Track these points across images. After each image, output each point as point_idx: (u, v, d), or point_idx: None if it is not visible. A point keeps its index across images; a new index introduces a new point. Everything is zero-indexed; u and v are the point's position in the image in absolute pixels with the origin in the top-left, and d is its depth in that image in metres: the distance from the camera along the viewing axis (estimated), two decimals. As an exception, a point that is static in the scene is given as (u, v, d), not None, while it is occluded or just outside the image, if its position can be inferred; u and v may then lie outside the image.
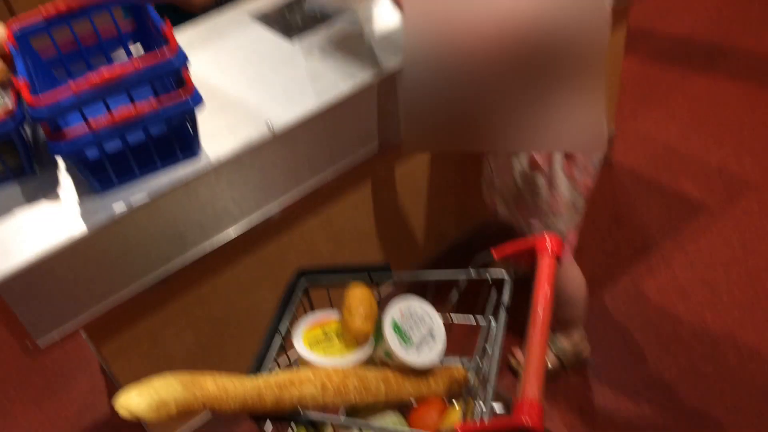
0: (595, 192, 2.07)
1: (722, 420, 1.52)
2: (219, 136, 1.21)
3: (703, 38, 2.64)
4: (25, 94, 0.98)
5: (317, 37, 1.42)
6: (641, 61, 2.57)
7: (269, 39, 1.45)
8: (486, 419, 0.90)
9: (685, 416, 1.53)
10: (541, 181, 1.30)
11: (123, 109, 1.04)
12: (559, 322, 1.64)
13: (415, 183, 1.67)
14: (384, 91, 1.31)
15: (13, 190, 1.13)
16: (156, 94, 1.12)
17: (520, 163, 1.28)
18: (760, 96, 2.33)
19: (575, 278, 1.53)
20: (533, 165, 1.29)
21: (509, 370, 1.66)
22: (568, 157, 1.28)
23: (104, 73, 1.00)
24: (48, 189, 1.13)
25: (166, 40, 1.09)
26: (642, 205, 2.03)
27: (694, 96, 2.39)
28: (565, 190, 1.32)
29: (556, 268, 0.99)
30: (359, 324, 1.03)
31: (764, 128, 2.21)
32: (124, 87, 1.03)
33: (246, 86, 1.32)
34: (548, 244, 0.99)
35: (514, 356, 1.67)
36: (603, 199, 2.05)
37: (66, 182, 1.15)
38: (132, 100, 1.07)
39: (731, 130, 2.23)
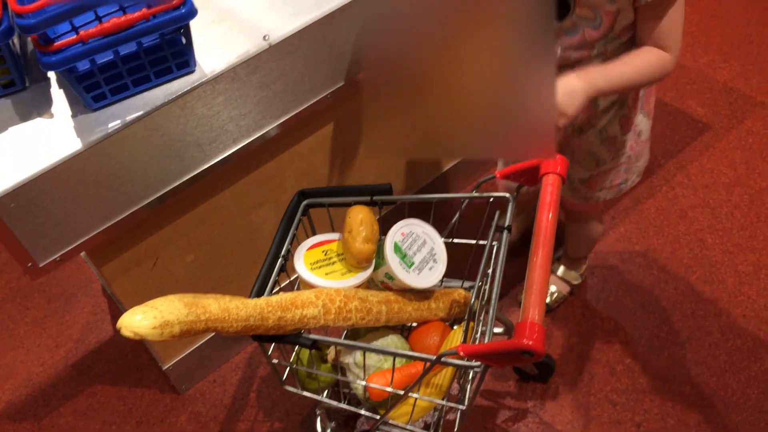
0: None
1: (717, 340, 1.55)
2: (214, 48, 1.16)
3: None
4: (12, 3, 0.93)
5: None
6: None
7: (265, -56, 1.37)
8: (487, 340, 0.90)
9: (681, 336, 1.56)
10: (628, 136, 1.27)
11: (114, 19, 1.00)
12: (569, 257, 1.64)
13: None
14: None
15: (5, 105, 1.10)
16: (148, 3, 1.06)
17: (605, 132, 1.25)
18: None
19: (600, 226, 1.53)
20: (625, 129, 1.26)
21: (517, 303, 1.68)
22: (649, 93, 1.25)
23: (92, -20, 0.95)
24: (41, 105, 1.09)
25: (158, -55, 1.02)
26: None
27: (702, 9, 2.31)
28: (645, 129, 1.30)
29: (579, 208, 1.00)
30: (361, 246, 1.02)
31: (774, 45, 2.16)
32: (114, -7, 0.97)
33: (242, -5, 1.27)
34: (554, 163, 0.98)
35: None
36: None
37: (59, 97, 1.11)
38: (123, 9, 1.02)
39: (740, 47, 2.17)
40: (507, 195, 1.09)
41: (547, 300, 1.65)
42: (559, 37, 1.14)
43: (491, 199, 1.10)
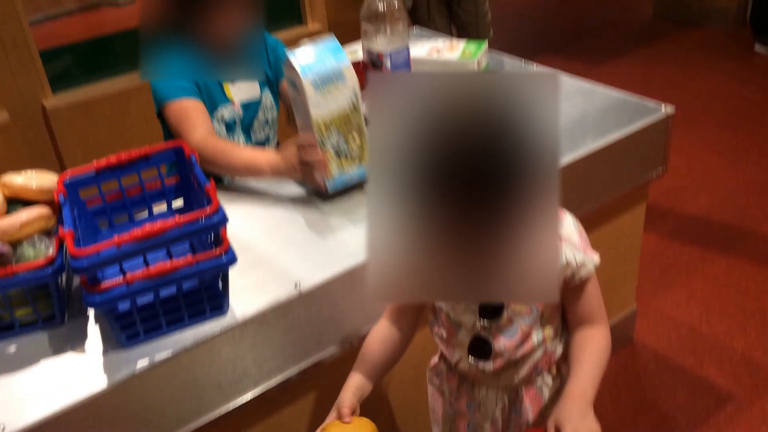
0: (620, 373, 2.03)
1: None
2: (247, 293, 1.22)
3: (720, 218, 2.69)
4: (69, 245, 1.01)
5: (350, 200, 1.47)
6: (660, 239, 2.61)
7: (304, 199, 1.49)
8: None
9: None
10: None
11: (160, 263, 1.06)
12: None
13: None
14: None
15: (41, 338, 1.13)
16: (193, 248, 1.14)
17: None
18: (781, 282, 2.33)
19: None
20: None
21: None
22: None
23: (147, 228, 1.03)
24: (75, 340, 1.13)
25: (209, 199, 1.13)
26: (667, 390, 1.97)
27: (715, 277, 2.39)
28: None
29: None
30: None
31: (788, 315, 2.20)
32: (165, 242, 1.05)
33: (278, 244, 1.35)
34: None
35: None
36: (627, 382, 2.00)
37: (94, 333, 1.14)
38: (170, 255, 1.09)
39: (754, 316, 2.21)
40: None
41: None
42: (497, 339, 1.12)
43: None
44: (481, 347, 1.13)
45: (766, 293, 2.30)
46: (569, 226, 1.10)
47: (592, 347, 1.10)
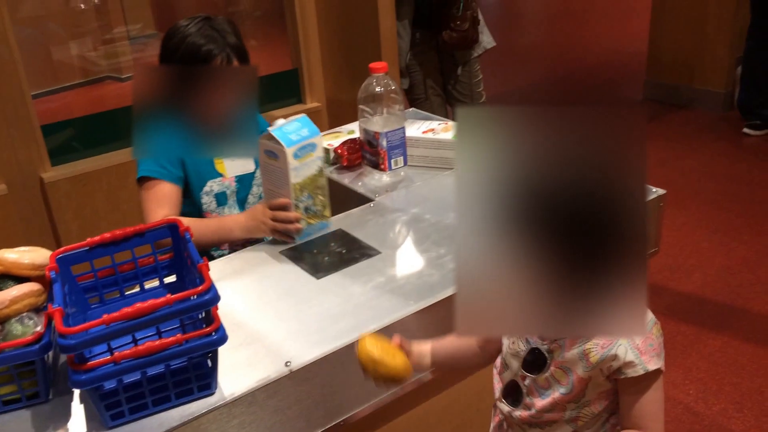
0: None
1: None
2: (237, 371, 1.20)
3: (714, 297, 2.69)
4: (57, 323, 1.00)
5: (343, 277, 1.47)
6: (655, 317, 2.60)
7: (297, 275, 1.50)
8: None
9: None
10: None
11: (148, 342, 1.05)
12: None
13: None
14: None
15: (23, 417, 1.11)
16: (182, 325, 1.13)
17: None
18: (778, 362, 2.32)
19: None
20: None
21: None
22: None
23: (137, 306, 1.03)
24: (58, 419, 1.10)
25: (202, 278, 1.13)
26: (664, 472, 1.92)
27: (710, 356, 2.38)
28: None
29: None
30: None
31: (785, 397, 2.17)
32: (155, 321, 1.05)
33: (269, 321, 1.34)
34: None
35: None
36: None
37: (77, 412, 1.12)
38: (159, 333, 1.08)
39: (751, 397, 2.18)
40: None
41: None
42: (532, 393, 1.15)
43: None
44: (514, 392, 1.18)
45: (762, 373, 2.28)
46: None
47: None
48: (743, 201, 3.39)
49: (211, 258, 1.71)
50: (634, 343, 1.06)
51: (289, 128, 1.55)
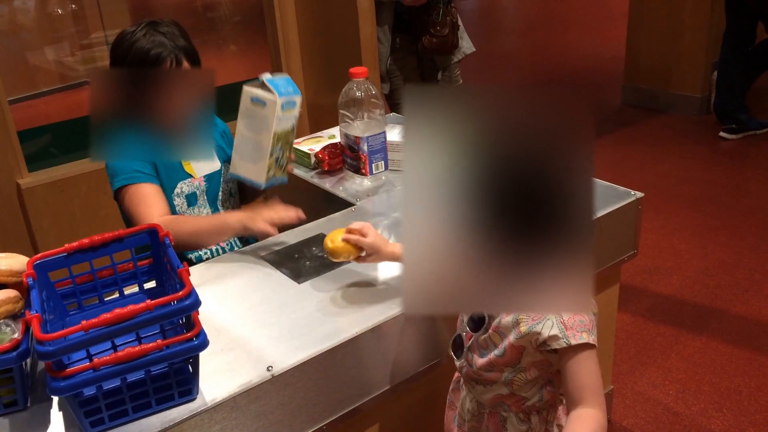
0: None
1: None
2: (219, 376, 1.20)
3: (692, 299, 2.72)
4: (35, 329, 0.99)
5: (324, 282, 1.47)
6: (634, 319, 2.62)
7: (278, 280, 1.49)
8: None
9: None
10: None
11: (128, 348, 1.04)
12: None
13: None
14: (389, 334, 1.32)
15: (2, 424, 1.09)
16: (163, 332, 1.12)
17: None
18: (754, 362, 2.34)
19: None
20: None
21: None
22: None
23: (116, 312, 1.02)
24: (37, 427, 1.09)
25: (182, 283, 1.12)
26: (645, 472, 1.94)
27: (689, 357, 2.40)
28: None
29: None
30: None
31: (763, 397, 2.19)
32: (135, 327, 1.04)
33: (251, 326, 1.34)
34: None
35: None
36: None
37: (56, 419, 1.11)
38: (139, 339, 1.07)
39: (730, 397, 2.20)
40: None
41: None
42: (473, 352, 1.25)
43: None
44: (459, 346, 1.29)
45: (741, 373, 2.30)
46: None
47: (579, 427, 1.08)
48: (720, 204, 3.43)
49: (191, 263, 1.70)
50: (561, 319, 1.12)
51: (279, 82, 1.64)
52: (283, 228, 1.65)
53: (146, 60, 1.56)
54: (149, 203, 1.60)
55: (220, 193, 1.82)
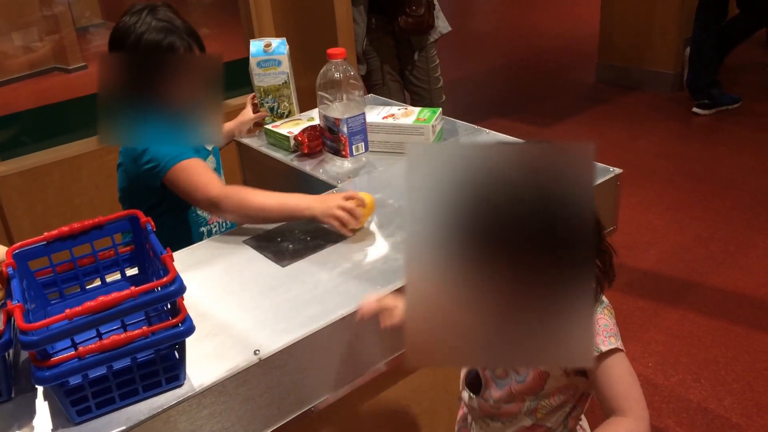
0: None
1: None
2: (205, 361, 1.19)
3: (670, 273, 2.77)
4: (18, 319, 0.98)
5: (308, 264, 1.46)
6: (613, 294, 2.65)
7: (262, 265, 1.48)
8: None
9: None
10: None
11: (114, 335, 1.03)
12: None
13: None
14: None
15: (-15, 416, 1.08)
16: (148, 319, 1.11)
17: None
18: (730, 332, 2.39)
19: None
20: None
21: None
22: None
23: (101, 300, 1.01)
24: (22, 417, 1.08)
25: (166, 269, 1.11)
26: (627, 443, 1.98)
27: (668, 329, 2.44)
28: None
29: None
30: None
31: (740, 366, 2.25)
32: (120, 314, 1.03)
33: (236, 310, 1.33)
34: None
35: None
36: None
37: (42, 409, 1.10)
38: (124, 326, 1.06)
39: (707, 367, 2.25)
40: None
41: None
42: (489, 385, 1.17)
43: None
44: (476, 381, 1.21)
45: (717, 344, 2.36)
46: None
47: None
48: (695, 179, 3.48)
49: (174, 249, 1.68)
50: None
51: (262, 44, 2.05)
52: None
53: (160, 50, 1.56)
54: (207, 176, 1.59)
55: (221, 169, 1.88)
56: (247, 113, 2.12)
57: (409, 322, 0.78)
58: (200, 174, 1.59)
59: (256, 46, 2.06)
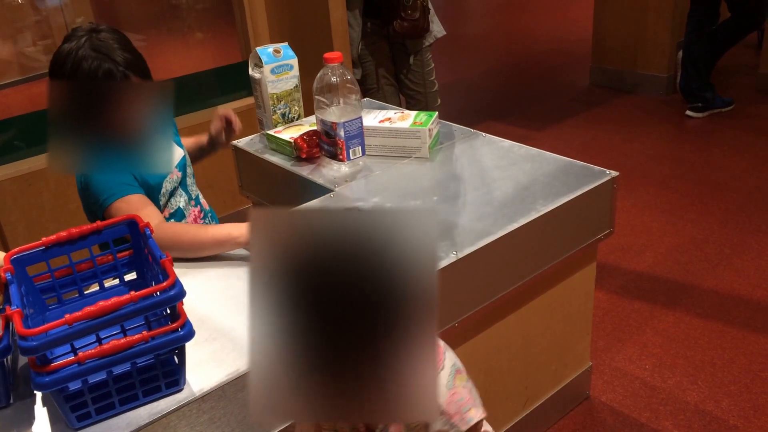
0: (579, 431, 2.04)
1: None
2: (205, 366, 1.19)
3: (665, 275, 2.77)
4: (17, 325, 0.97)
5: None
6: (610, 296, 2.67)
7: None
8: None
9: None
10: None
11: (113, 341, 1.03)
12: None
13: None
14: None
15: (-17, 423, 1.07)
16: (148, 324, 1.11)
17: None
18: (727, 334, 2.40)
19: None
20: None
21: None
22: None
23: (101, 305, 1.00)
24: (21, 423, 1.07)
25: (165, 274, 1.11)
26: (625, 445, 1.98)
27: (664, 331, 2.45)
28: None
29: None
30: None
31: (736, 368, 2.25)
32: (120, 319, 1.02)
33: (235, 315, 1.33)
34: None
35: None
36: (585, 438, 2.00)
37: (41, 415, 1.09)
38: (124, 331, 1.06)
39: (704, 369, 2.26)
40: None
41: None
42: None
43: None
44: None
45: (714, 345, 2.36)
46: (441, 388, 1.08)
47: None
48: (689, 181, 3.50)
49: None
50: (441, 409, 1.06)
51: (271, 50, 2.03)
52: None
53: (95, 78, 1.48)
54: (144, 210, 1.54)
55: (187, 178, 1.83)
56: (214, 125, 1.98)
57: (252, 377, 0.78)
58: (137, 211, 1.52)
59: (266, 54, 2.03)
